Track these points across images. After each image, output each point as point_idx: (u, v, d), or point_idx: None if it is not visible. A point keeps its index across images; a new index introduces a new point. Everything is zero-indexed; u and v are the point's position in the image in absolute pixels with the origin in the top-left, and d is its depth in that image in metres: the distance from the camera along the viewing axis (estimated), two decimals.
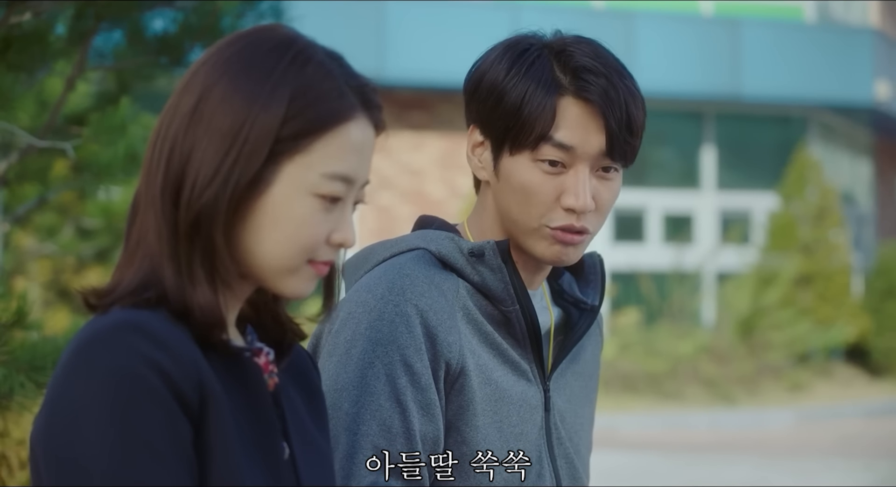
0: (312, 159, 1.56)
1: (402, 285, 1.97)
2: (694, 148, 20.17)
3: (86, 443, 1.44)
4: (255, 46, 1.58)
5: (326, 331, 2.02)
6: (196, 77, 1.58)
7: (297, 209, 1.56)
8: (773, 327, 17.44)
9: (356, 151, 1.59)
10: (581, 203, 2.01)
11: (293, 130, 1.55)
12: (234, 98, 1.55)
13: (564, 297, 2.19)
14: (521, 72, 2.02)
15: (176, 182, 1.55)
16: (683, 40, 19.00)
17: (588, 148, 2.01)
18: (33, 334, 3.18)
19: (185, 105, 1.56)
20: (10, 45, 3.77)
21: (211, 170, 1.53)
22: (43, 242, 9.67)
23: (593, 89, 2.00)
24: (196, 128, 1.55)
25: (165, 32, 4.17)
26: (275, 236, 1.56)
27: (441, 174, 18.40)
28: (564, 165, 2.02)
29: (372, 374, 1.93)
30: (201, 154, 1.54)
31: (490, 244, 2.03)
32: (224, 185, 1.53)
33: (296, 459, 1.62)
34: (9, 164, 4.19)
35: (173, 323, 1.51)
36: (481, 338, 2.03)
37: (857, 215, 22.44)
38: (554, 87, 2.01)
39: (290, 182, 1.55)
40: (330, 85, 1.58)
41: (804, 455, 12.55)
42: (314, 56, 1.59)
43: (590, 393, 2.24)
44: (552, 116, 2.00)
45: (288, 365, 1.70)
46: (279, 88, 1.55)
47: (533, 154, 2.01)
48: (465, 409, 1.99)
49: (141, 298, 1.53)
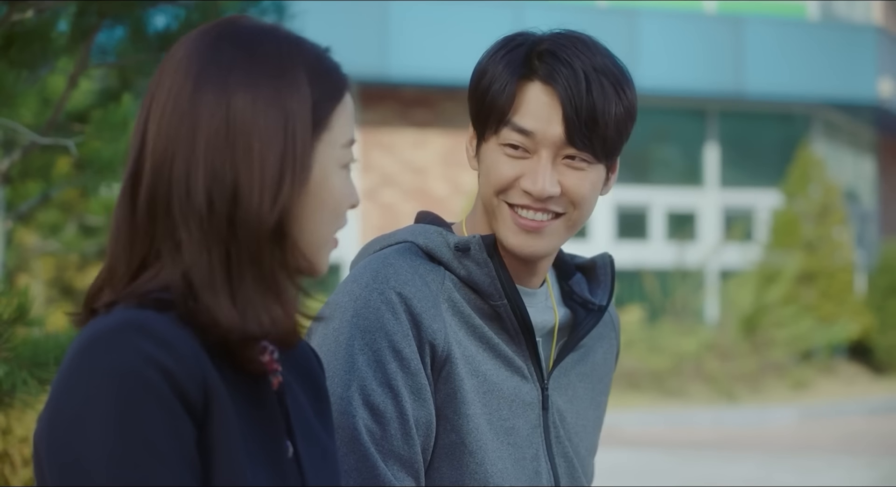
0: (334, 134, 1.58)
1: (385, 274, 1.99)
2: (697, 145, 20.16)
3: (88, 443, 1.44)
4: (246, 47, 1.55)
5: (315, 324, 2.03)
6: (204, 92, 1.52)
7: (335, 185, 1.58)
8: (776, 324, 17.44)
9: (352, 113, 1.62)
10: (538, 188, 2.01)
11: (321, 111, 1.56)
12: (259, 102, 1.52)
13: (574, 297, 2.19)
14: (496, 57, 2.05)
15: (230, 200, 1.50)
16: (687, 38, 18.99)
17: (549, 134, 2.01)
18: (36, 331, 3.18)
19: (211, 126, 1.51)
20: (13, 42, 3.77)
21: (272, 182, 1.51)
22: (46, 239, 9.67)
23: (557, 77, 2.00)
24: (236, 146, 1.51)
25: (168, 29, 4.17)
26: (319, 216, 1.57)
27: (444, 172, 18.40)
28: (528, 151, 2.02)
29: (361, 361, 1.94)
30: (257, 172, 1.50)
31: (476, 239, 2.04)
32: (288, 194, 1.52)
33: (300, 458, 1.62)
34: (11, 161, 4.19)
35: (177, 323, 1.50)
36: (469, 330, 2.04)
37: (860, 213, 22.44)
38: (520, 70, 2.02)
39: (324, 162, 1.57)
40: (324, 58, 1.59)
41: (807, 452, 12.55)
42: (295, 34, 1.60)
43: (598, 396, 2.24)
44: (511, 98, 2.01)
45: (293, 364, 1.69)
46: (295, 75, 1.55)
47: (497, 138, 2.03)
48: (453, 397, 1.99)
49: (146, 298, 1.52)
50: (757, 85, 19.21)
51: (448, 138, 18.42)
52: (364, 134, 18.04)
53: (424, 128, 18.44)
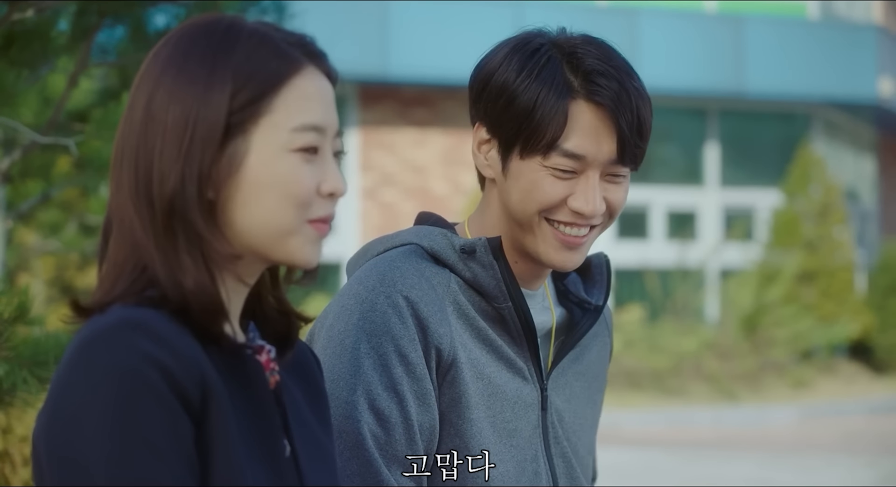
0: (277, 118, 1.57)
1: (392, 277, 1.98)
2: (697, 145, 20.16)
3: (87, 442, 1.44)
4: (187, 37, 1.60)
5: (319, 326, 2.03)
6: (141, 82, 1.60)
7: (279, 168, 1.56)
8: (776, 323, 17.44)
9: (316, 99, 1.60)
10: (590, 209, 2.01)
11: (246, 98, 1.56)
12: (178, 88, 1.56)
13: (569, 297, 2.19)
14: (532, 74, 2.00)
15: (146, 183, 1.55)
16: (687, 37, 18.99)
17: (599, 156, 2.00)
18: (36, 330, 3.18)
19: (138, 108, 1.58)
20: (13, 41, 3.77)
21: (171, 160, 1.54)
22: (46, 238, 9.68)
23: (605, 93, 1.98)
24: (152, 127, 1.56)
25: (168, 29, 4.17)
26: (264, 201, 1.56)
27: (444, 171, 18.40)
28: (575, 172, 2.01)
29: (367, 365, 1.94)
30: (160, 149, 1.55)
31: (482, 241, 2.03)
32: (189, 170, 1.54)
33: (297, 456, 1.62)
34: (12, 160, 4.19)
35: (175, 321, 1.51)
36: (474, 333, 2.03)
37: (860, 212, 22.43)
38: (566, 91, 1.99)
39: (264, 146, 1.56)
40: (267, 47, 1.59)
41: (807, 451, 12.55)
42: (244, 28, 1.60)
43: (593, 395, 2.24)
44: (564, 121, 1.98)
45: (291, 363, 1.69)
46: (218, 64, 1.57)
47: (543, 160, 2.00)
48: (458, 401, 1.99)
49: (143, 296, 1.53)
50: (757, 84, 19.21)
51: (448, 138, 18.42)
52: (364, 133, 18.04)
53: (424, 127, 18.43)
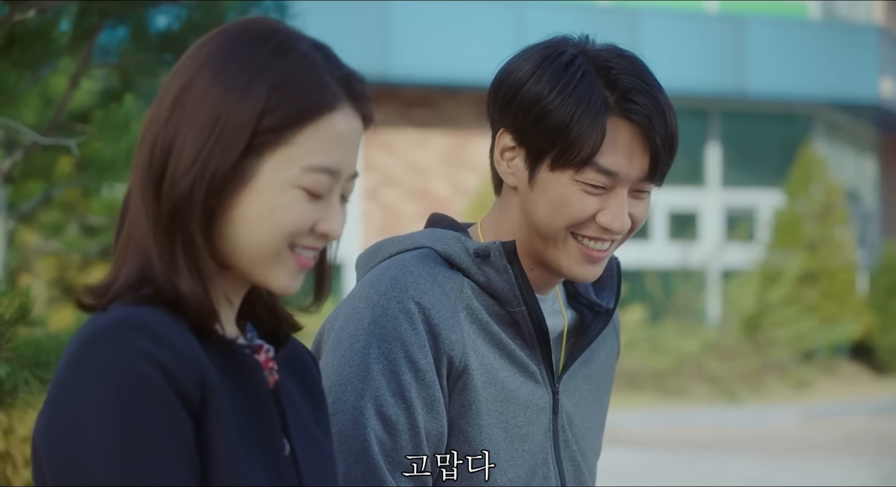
0: (295, 152, 1.54)
1: (404, 282, 1.97)
2: (699, 146, 20.16)
3: (87, 441, 1.44)
4: (236, 38, 1.56)
5: (329, 328, 2.01)
6: (180, 70, 1.57)
7: (279, 199, 1.54)
8: (777, 324, 17.44)
9: (340, 142, 1.58)
10: (619, 225, 2.01)
11: (273, 122, 1.53)
12: (213, 89, 1.53)
13: (580, 299, 2.18)
14: (568, 89, 1.98)
15: (158, 174, 1.54)
16: (688, 38, 18.99)
17: (632, 173, 2.00)
18: (37, 330, 3.18)
19: (167, 97, 1.55)
20: (15, 42, 3.77)
21: (188, 161, 1.52)
22: (48, 239, 9.69)
23: (641, 111, 1.98)
24: (177, 119, 1.54)
25: (169, 29, 4.17)
26: (256, 224, 1.54)
27: (446, 172, 18.40)
28: (605, 188, 2.01)
29: (377, 370, 1.93)
30: (181, 145, 1.53)
31: (496, 245, 2.02)
32: (201, 176, 1.52)
33: (296, 455, 1.62)
34: (13, 161, 4.19)
35: (174, 320, 1.51)
36: (486, 338, 2.02)
37: (862, 213, 22.43)
38: (603, 108, 1.98)
39: (273, 174, 1.53)
40: (312, 75, 1.55)
41: (809, 452, 12.55)
42: (296, 46, 1.56)
43: (601, 397, 2.23)
44: (601, 138, 1.98)
45: (288, 363, 1.69)
46: (258, 78, 1.53)
47: (576, 175, 1.99)
48: (468, 408, 1.98)
49: (141, 294, 1.53)
50: (758, 85, 19.21)
51: (449, 138, 18.42)
52: (365, 134, 18.00)
53: (426, 128, 18.43)
